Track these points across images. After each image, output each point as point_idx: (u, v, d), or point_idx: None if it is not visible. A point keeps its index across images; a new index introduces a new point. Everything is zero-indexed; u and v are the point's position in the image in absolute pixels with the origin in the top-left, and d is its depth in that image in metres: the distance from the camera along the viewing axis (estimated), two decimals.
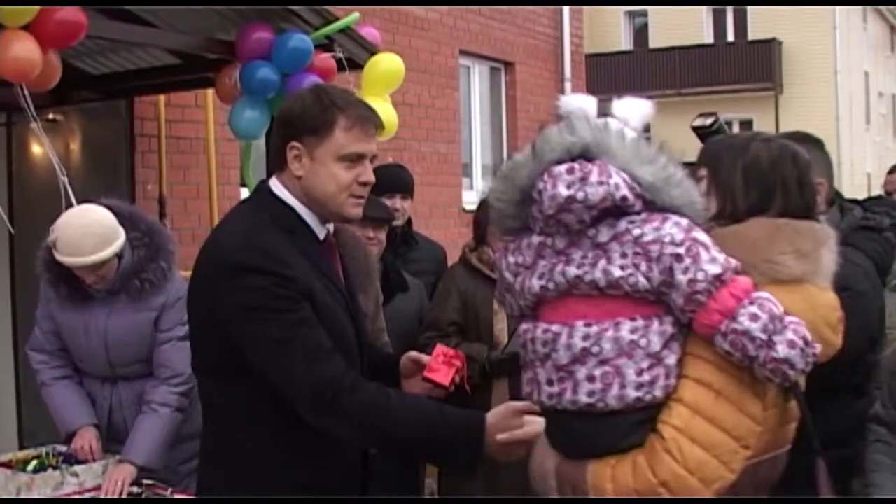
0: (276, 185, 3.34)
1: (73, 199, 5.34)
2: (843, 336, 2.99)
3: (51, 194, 5.68)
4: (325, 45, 6.74)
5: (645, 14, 38.16)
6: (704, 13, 37.21)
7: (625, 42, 38.62)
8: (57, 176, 5.59)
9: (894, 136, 46.26)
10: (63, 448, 4.83)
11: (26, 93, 5.51)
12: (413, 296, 5.61)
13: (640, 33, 38.73)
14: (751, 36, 36.30)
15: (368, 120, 3.29)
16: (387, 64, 7.06)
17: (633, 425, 2.78)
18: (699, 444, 2.72)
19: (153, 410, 4.89)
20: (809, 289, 2.90)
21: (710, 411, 2.73)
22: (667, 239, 2.72)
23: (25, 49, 5.21)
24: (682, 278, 2.70)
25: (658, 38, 37.26)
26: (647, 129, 2.96)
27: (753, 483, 2.84)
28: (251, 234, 3.23)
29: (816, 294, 2.91)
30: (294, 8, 6.50)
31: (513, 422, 3.10)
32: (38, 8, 5.21)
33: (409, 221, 6.25)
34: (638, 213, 2.79)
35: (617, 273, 2.75)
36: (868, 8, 40.72)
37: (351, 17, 6.85)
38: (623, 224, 2.77)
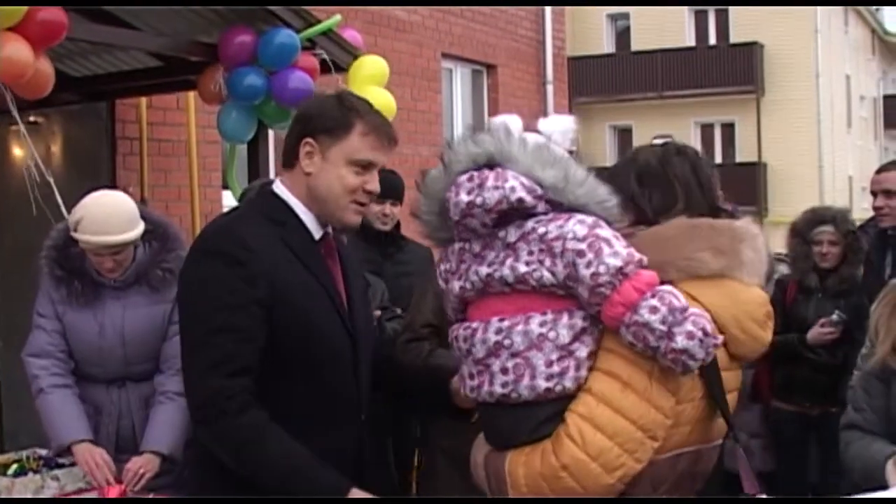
0: (278, 186, 3.39)
1: (60, 202, 5.33)
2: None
3: (26, 198, 5.67)
4: (307, 48, 6.75)
5: (627, 17, 38.21)
6: (686, 16, 37.29)
7: (607, 45, 38.67)
8: (40, 179, 5.59)
9: (875, 140, 46.45)
10: (44, 451, 4.80)
11: (9, 96, 5.51)
12: (373, 291, 5.69)
13: (622, 36, 38.78)
14: (733, 39, 36.38)
15: (385, 131, 3.34)
16: (370, 68, 7.08)
17: (548, 417, 2.90)
18: (602, 431, 2.81)
19: (170, 399, 4.80)
20: (731, 284, 2.97)
21: (616, 401, 2.83)
22: (569, 235, 2.83)
23: (17, 50, 5.21)
24: (585, 272, 2.81)
25: (640, 41, 37.33)
26: (628, 130, 3.08)
27: (674, 474, 2.94)
28: (230, 221, 3.34)
29: (740, 289, 2.98)
30: (275, 10, 6.50)
31: None
32: (25, 8, 5.21)
33: (397, 225, 6.32)
34: (545, 213, 2.92)
35: (522, 269, 2.88)
36: (849, 12, 40.88)
37: (332, 19, 6.85)
38: (530, 224, 2.91)
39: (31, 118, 8.38)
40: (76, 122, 8.71)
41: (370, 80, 7.02)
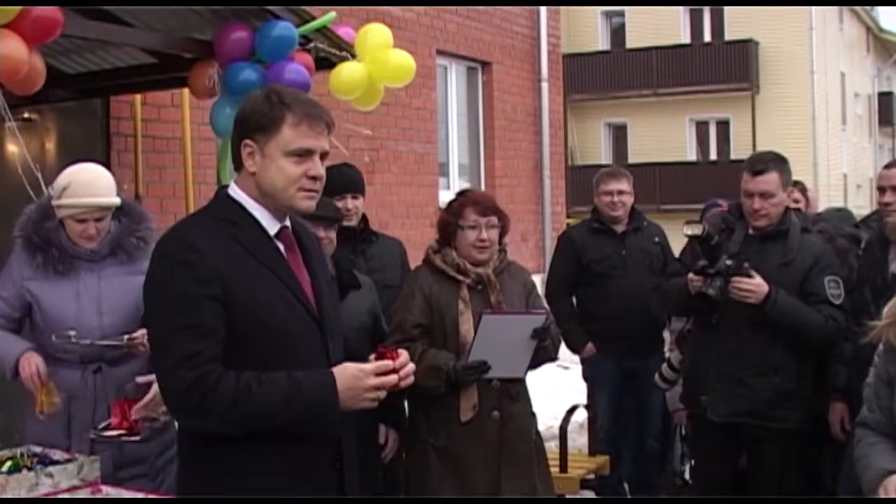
0: (232, 187, 3.50)
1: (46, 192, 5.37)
2: None
3: (19, 194, 5.66)
4: (301, 45, 6.73)
5: (622, 14, 38.20)
6: (681, 13, 37.28)
7: (602, 42, 38.68)
8: (29, 176, 5.60)
9: (870, 137, 46.48)
10: (37, 448, 4.79)
11: None
12: (365, 293, 5.63)
13: (617, 33, 38.79)
14: (728, 36, 36.39)
15: (316, 117, 3.42)
16: (375, 35, 7.11)
17: None
18: None
19: None
20: None
21: None
22: None
23: (12, 48, 5.19)
24: None
25: (635, 39, 37.33)
26: (623, 127, 3.03)
27: None
28: (181, 224, 3.48)
29: None
30: (271, 8, 6.48)
31: (361, 379, 3.31)
32: (20, 7, 5.19)
33: (364, 219, 6.32)
34: None
35: None
36: (844, 9, 40.89)
37: (327, 16, 6.83)
38: None
39: (26, 115, 8.36)
40: (71, 118, 8.70)
41: (379, 47, 7.05)
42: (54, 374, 4.99)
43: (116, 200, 5.00)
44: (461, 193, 5.58)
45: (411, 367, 3.43)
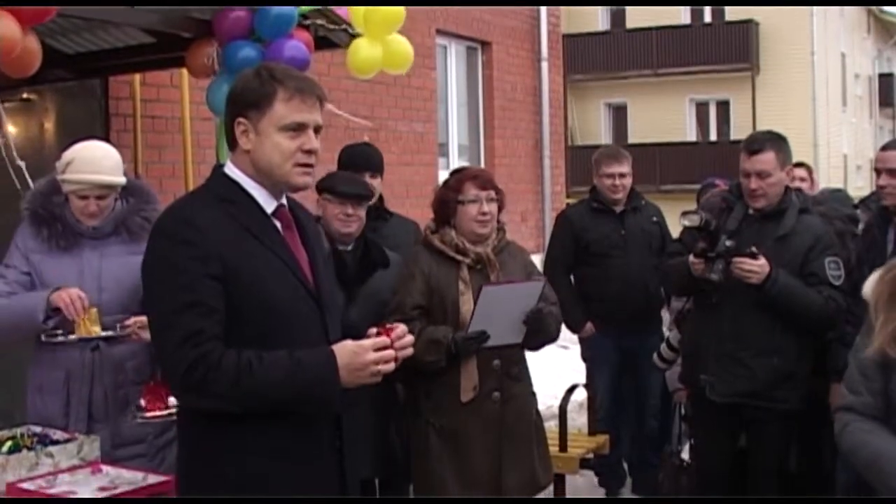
0: (228, 166, 3.51)
1: (29, 182, 5.40)
2: None
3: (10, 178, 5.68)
4: (301, 24, 6.72)
5: None
6: None
7: (602, 22, 38.57)
8: (15, 160, 5.63)
9: (870, 118, 46.43)
10: (38, 428, 4.79)
11: None
12: (393, 272, 5.60)
13: (617, 13, 38.64)
14: (728, 17, 36.28)
15: (308, 91, 3.41)
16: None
17: None
18: None
19: None
20: None
21: None
22: None
23: (5, 27, 5.16)
24: None
25: (635, 19, 37.21)
26: (623, 107, 3.00)
27: None
28: (179, 202, 3.47)
29: None
30: None
31: (360, 355, 3.29)
32: None
33: (380, 198, 6.28)
34: None
35: None
36: None
37: None
38: None
39: (25, 95, 8.36)
40: (70, 99, 8.69)
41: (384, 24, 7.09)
42: (52, 352, 5.00)
43: (120, 180, 4.99)
44: (457, 171, 5.56)
45: (409, 338, 3.42)
